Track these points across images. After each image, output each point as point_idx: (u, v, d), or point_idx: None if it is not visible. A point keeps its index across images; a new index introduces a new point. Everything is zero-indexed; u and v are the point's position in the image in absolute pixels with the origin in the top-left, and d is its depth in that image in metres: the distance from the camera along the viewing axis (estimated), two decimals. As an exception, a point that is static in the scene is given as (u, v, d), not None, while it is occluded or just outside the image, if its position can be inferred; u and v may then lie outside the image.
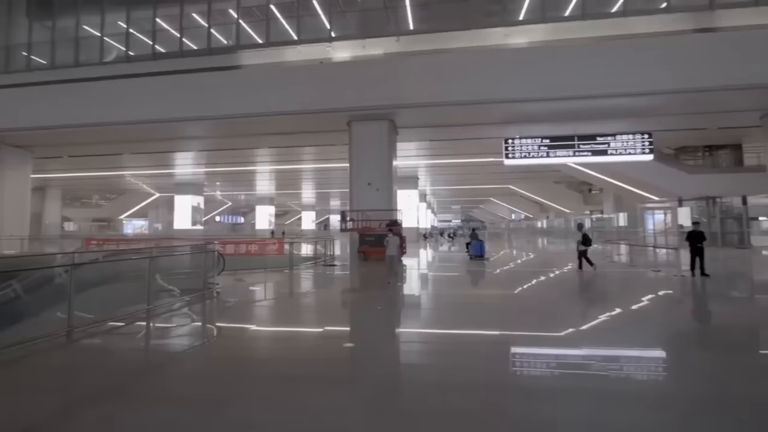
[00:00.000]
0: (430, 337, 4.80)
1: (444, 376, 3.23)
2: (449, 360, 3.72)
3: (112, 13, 16.00)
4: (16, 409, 2.69)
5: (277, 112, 14.11)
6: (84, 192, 41.51)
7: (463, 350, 4.00)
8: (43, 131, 15.75)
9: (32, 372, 3.36)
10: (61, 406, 2.76)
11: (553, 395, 2.87)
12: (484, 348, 4.13)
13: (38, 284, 6.24)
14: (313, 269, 11.00)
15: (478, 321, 5.30)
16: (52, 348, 3.91)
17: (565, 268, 10.69)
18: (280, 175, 31.82)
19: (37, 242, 22.81)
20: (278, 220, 51.92)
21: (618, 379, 3.26)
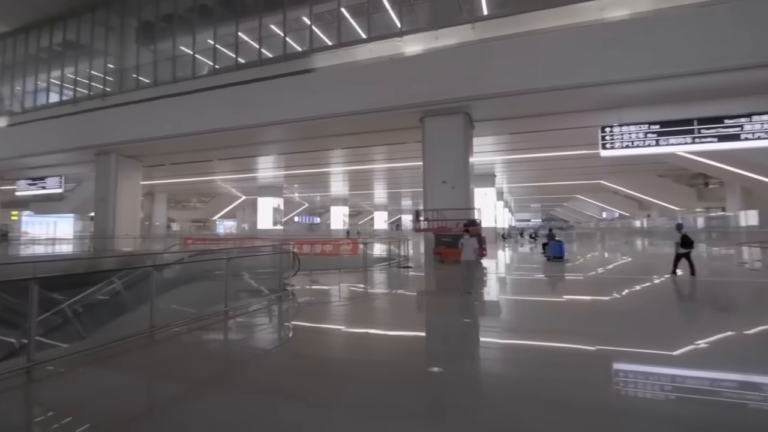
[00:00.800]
0: (511, 347, 4.31)
1: (529, 390, 2.91)
2: (532, 373, 3.31)
3: (202, 32, 17.37)
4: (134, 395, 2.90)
5: (348, 112, 14.03)
6: (184, 196, 46.54)
7: (550, 363, 3.55)
8: (148, 142, 17.67)
9: (129, 364, 3.36)
10: (160, 397, 2.96)
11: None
12: (576, 362, 3.63)
13: (135, 281, 6.68)
14: (387, 270, 10.61)
15: (568, 332, 4.67)
16: (137, 347, 3.91)
17: (668, 275, 8.98)
18: (353, 176, 32.29)
19: (147, 241, 25.85)
20: (352, 220, 53.19)
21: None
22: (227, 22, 16.78)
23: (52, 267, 8.24)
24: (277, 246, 7.88)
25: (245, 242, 16.71)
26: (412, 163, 24.58)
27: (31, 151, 20.17)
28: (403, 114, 13.68)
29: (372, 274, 9.73)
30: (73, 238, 27.20)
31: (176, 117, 16.68)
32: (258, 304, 6.05)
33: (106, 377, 3.27)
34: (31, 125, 20.30)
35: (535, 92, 11.94)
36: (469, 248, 6.99)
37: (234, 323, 5.02)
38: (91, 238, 20.61)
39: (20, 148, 20.46)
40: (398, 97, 13.13)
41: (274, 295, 6.41)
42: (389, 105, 13.34)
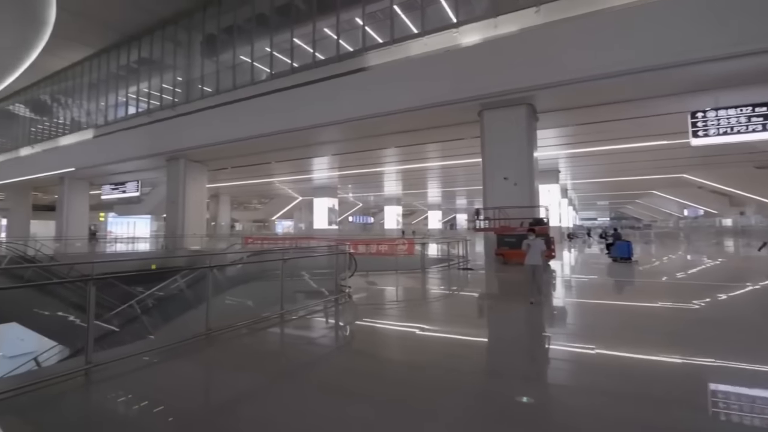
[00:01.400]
0: (584, 357, 3.83)
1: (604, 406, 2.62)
2: (606, 386, 3.02)
3: (259, 40, 17.92)
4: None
5: (403, 109, 13.64)
6: (245, 197, 49.07)
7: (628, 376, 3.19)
8: (211, 147, 18.65)
9: (187, 367, 3.23)
10: (217, 401, 2.86)
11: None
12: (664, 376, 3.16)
13: (194, 280, 6.79)
14: (446, 272, 10.02)
15: (652, 342, 4.11)
16: (194, 349, 3.78)
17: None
18: (406, 175, 31.91)
19: (212, 240, 27.45)
20: (405, 219, 52.85)
21: None
22: (283, 28, 17.16)
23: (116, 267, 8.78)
24: (333, 246, 7.64)
25: (301, 241, 17.02)
26: (468, 160, 23.73)
27: (112, 158, 22.24)
28: (460, 108, 13.01)
29: (431, 276, 9.22)
30: (149, 237, 29.71)
31: (236, 122, 17.44)
32: (314, 306, 5.82)
33: (164, 380, 3.14)
34: (113, 136, 22.34)
35: (608, 77, 10.71)
36: (535, 250, 6.12)
37: (289, 326, 4.80)
38: (164, 237, 22.24)
39: (104, 156, 22.63)
40: (455, 90, 12.49)
41: (331, 297, 6.15)
42: (445, 99, 12.74)
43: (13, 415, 2.46)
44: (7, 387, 2.57)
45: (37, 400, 2.60)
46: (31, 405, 2.58)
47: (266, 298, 5.40)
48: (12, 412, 2.48)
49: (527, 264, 6.17)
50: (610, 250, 13.12)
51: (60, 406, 2.63)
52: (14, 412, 2.49)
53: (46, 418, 2.44)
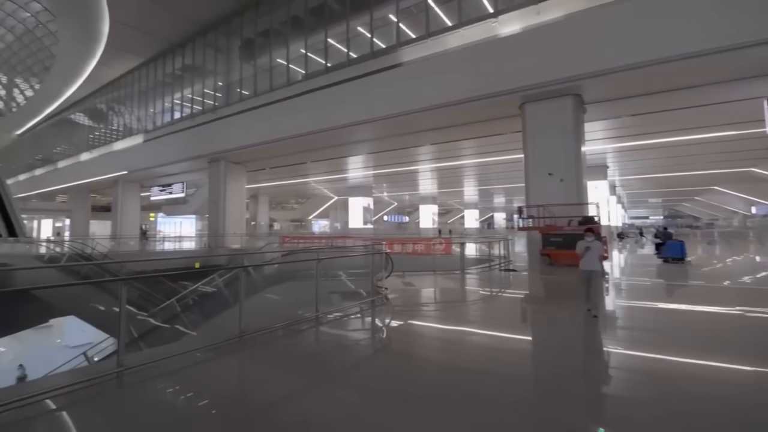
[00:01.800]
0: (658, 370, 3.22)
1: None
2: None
3: (294, 42, 18.09)
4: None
5: (439, 104, 13.22)
6: (283, 197, 50.30)
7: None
8: (249, 149, 19.10)
9: (220, 371, 3.10)
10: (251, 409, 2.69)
11: None
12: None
13: (232, 279, 6.78)
14: (488, 273, 9.52)
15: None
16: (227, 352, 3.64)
17: None
18: (441, 173, 31.31)
19: (252, 238, 28.22)
20: (441, 218, 52.00)
21: None
22: (317, 29, 17.22)
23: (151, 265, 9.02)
24: (368, 246, 7.40)
25: (337, 240, 17.06)
26: (507, 157, 22.86)
27: (160, 162, 23.38)
28: (500, 102, 12.40)
29: (471, 277, 8.77)
30: (193, 236, 31.07)
31: (272, 123, 17.74)
32: (350, 307, 5.58)
33: (196, 385, 3.00)
34: (160, 140, 23.47)
35: (666, 62, 9.74)
36: (594, 254, 5.31)
37: (325, 329, 4.59)
38: (207, 236, 23.10)
39: (152, 159, 23.84)
40: (494, 83, 11.91)
41: (367, 298, 5.90)
42: (484, 93, 12.19)
43: (38, 422, 2.38)
44: (34, 391, 2.49)
45: (67, 404, 2.53)
46: (60, 410, 2.51)
47: (301, 298, 5.25)
48: (37, 420, 2.40)
49: (583, 269, 5.36)
50: (660, 251, 12.32)
51: (88, 412, 2.55)
52: (39, 419, 2.40)
53: (73, 424, 2.36)
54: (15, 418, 2.28)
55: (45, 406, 2.46)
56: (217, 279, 6.85)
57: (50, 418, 2.44)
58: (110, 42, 22.69)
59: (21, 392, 2.50)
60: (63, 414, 2.51)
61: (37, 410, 2.41)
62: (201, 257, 18.34)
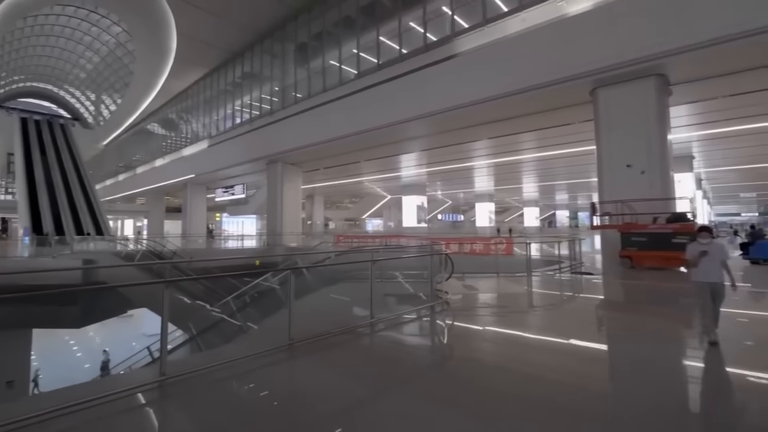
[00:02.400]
0: None
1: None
2: None
3: (347, 42, 18.07)
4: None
5: (497, 95, 12.36)
6: (337, 197, 51.21)
7: None
8: (304, 149, 19.41)
9: (269, 382, 2.83)
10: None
11: None
12: None
13: (285, 279, 6.65)
14: (558, 276, 8.59)
15: None
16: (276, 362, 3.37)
17: None
18: (499, 170, 29.86)
19: (308, 237, 28.89)
20: (498, 217, 49.96)
21: None
22: (369, 27, 17.04)
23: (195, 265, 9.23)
24: (427, 245, 6.90)
25: (391, 239, 16.80)
26: (572, 149, 21.22)
27: (223, 165, 24.68)
28: (568, 88, 11.27)
29: (540, 280, 7.94)
30: (254, 235, 32.54)
31: (325, 123, 17.87)
32: (408, 313, 5.12)
33: (242, 397, 2.74)
34: (222, 144, 24.77)
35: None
36: (714, 260, 4.00)
37: (381, 337, 4.19)
38: (266, 235, 23.98)
39: (216, 163, 25.23)
40: (560, 68, 10.84)
41: (426, 303, 5.41)
42: (548, 80, 11.14)
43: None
44: (72, 400, 2.32)
45: (101, 416, 2.35)
46: (92, 424, 2.32)
47: (355, 301, 4.91)
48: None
49: (700, 281, 4.04)
50: (748, 251, 10.95)
51: (124, 428, 2.36)
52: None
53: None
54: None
55: (78, 418, 2.27)
56: (272, 278, 6.78)
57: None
58: (178, 56, 24.36)
59: (57, 402, 2.33)
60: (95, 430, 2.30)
61: (69, 423, 2.22)
62: (252, 257, 18.99)
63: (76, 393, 2.56)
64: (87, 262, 12.83)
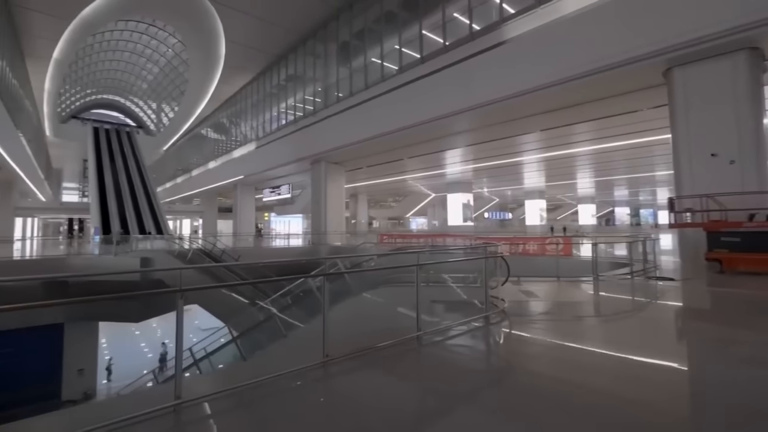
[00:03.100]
0: None
1: None
2: None
3: (389, 38, 17.66)
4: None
5: (550, 83, 11.34)
6: (381, 196, 51.12)
7: None
8: (346, 148, 19.27)
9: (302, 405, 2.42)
10: None
11: None
12: None
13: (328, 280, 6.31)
14: (630, 281, 7.54)
15: None
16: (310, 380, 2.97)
17: None
18: (550, 164, 28.08)
19: (352, 236, 28.90)
20: (549, 214, 47.34)
21: None
22: (411, 22, 16.52)
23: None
24: (479, 246, 6.25)
25: (437, 239, 16.16)
26: (637, 140, 19.42)
27: (269, 165, 25.27)
28: (636, 70, 10.02)
29: (610, 287, 6.96)
30: (300, 234, 33.18)
31: (367, 121, 17.58)
32: (459, 324, 4.49)
33: (273, 421, 2.36)
34: (268, 146, 25.37)
35: None
36: None
37: (430, 354, 3.64)
38: (310, 234, 24.24)
39: (263, 164, 25.90)
40: (629, 47, 9.64)
41: (481, 314, 4.74)
42: (614, 62, 9.98)
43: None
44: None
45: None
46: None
47: (399, 309, 4.42)
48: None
49: None
50: None
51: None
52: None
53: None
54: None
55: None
56: (311, 281, 6.49)
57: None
58: (227, 62, 25.28)
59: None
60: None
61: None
62: (291, 259, 19.12)
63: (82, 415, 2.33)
64: (144, 260, 13.52)
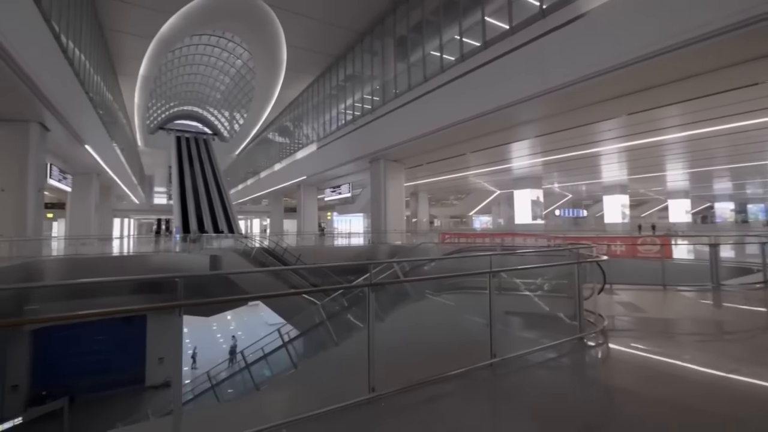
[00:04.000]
0: None
1: None
2: None
3: (448, 27, 16.72)
4: None
5: (644, 55, 9.64)
6: (442, 194, 49.79)
7: None
8: (405, 144, 18.65)
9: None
10: None
11: None
12: None
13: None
14: (765, 291, 5.94)
15: None
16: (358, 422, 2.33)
17: None
18: (634, 155, 24.89)
19: (413, 235, 28.26)
20: (632, 211, 42.57)
21: None
22: (472, 7, 15.43)
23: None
24: (562, 246, 5.17)
25: (505, 238, 14.92)
26: (746, 122, 16.42)
27: (329, 165, 25.53)
28: (756, 33, 8.09)
29: (739, 299, 5.49)
30: (361, 233, 33.30)
31: (426, 115, 16.83)
32: (542, 348, 3.52)
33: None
34: (328, 146, 25.63)
35: None
36: None
37: (511, 388, 2.80)
38: (370, 233, 24.02)
39: (324, 164, 26.24)
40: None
41: (573, 335, 3.67)
42: (734, 21, 8.13)
43: None
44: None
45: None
46: None
47: (465, 322, 3.63)
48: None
49: None
50: None
51: None
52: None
53: None
54: None
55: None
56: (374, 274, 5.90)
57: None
58: (289, 66, 26.01)
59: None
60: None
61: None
62: (347, 262, 18.99)
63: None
64: (213, 257, 14.13)
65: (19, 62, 10.09)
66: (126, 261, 15.04)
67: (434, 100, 16.41)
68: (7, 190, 12.31)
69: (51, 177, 18.32)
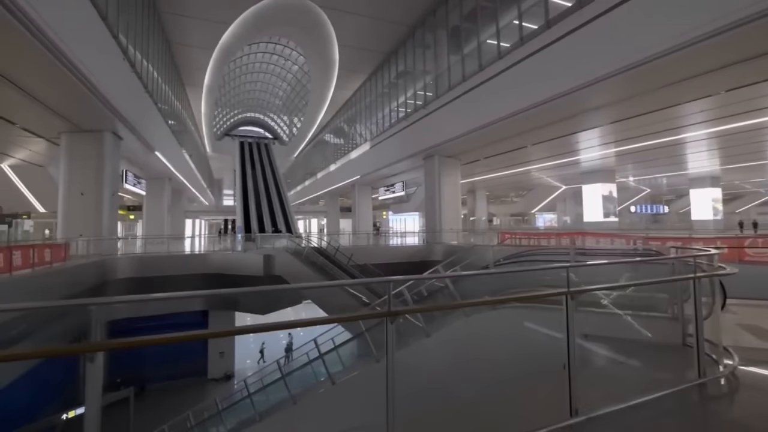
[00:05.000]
0: None
1: None
2: None
3: (505, 13, 15.51)
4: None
5: (750, 15, 7.94)
6: (501, 191, 47.45)
7: None
8: (460, 138, 17.68)
9: None
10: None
11: None
12: None
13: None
14: None
15: None
16: None
17: None
18: (727, 141, 21.35)
19: (469, 234, 27.00)
20: (725, 207, 37.20)
21: None
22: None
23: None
24: (672, 252, 4.07)
25: (575, 237, 13.39)
26: None
27: (382, 164, 25.18)
28: None
29: None
30: (416, 232, 32.59)
31: (482, 107, 15.87)
32: (649, 399, 2.30)
33: None
34: (381, 144, 25.27)
35: None
36: None
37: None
38: (425, 232, 23.26)
39: (377, 162, 25.94)
40: None
41: (692, 382, 2.46)
42: None
43: None
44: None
45: None
46: None
47: (530, 357, 2.79)
48: None
49: None
50: None
51: None
52: None
53: None
54: None
55: None
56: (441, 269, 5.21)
57: None
58: (341, 66, 26.06)
59: None
60: None
61: None
62: (399, 261, 18.41)
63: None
64: (266, 257, 14.39)
65: (90, 78, 10.86)
66: (187, 260, 15.90)
67: (490, 90, 15.32)
68: (85, 194, 13.48)
69: (126, 182, 19.96)
